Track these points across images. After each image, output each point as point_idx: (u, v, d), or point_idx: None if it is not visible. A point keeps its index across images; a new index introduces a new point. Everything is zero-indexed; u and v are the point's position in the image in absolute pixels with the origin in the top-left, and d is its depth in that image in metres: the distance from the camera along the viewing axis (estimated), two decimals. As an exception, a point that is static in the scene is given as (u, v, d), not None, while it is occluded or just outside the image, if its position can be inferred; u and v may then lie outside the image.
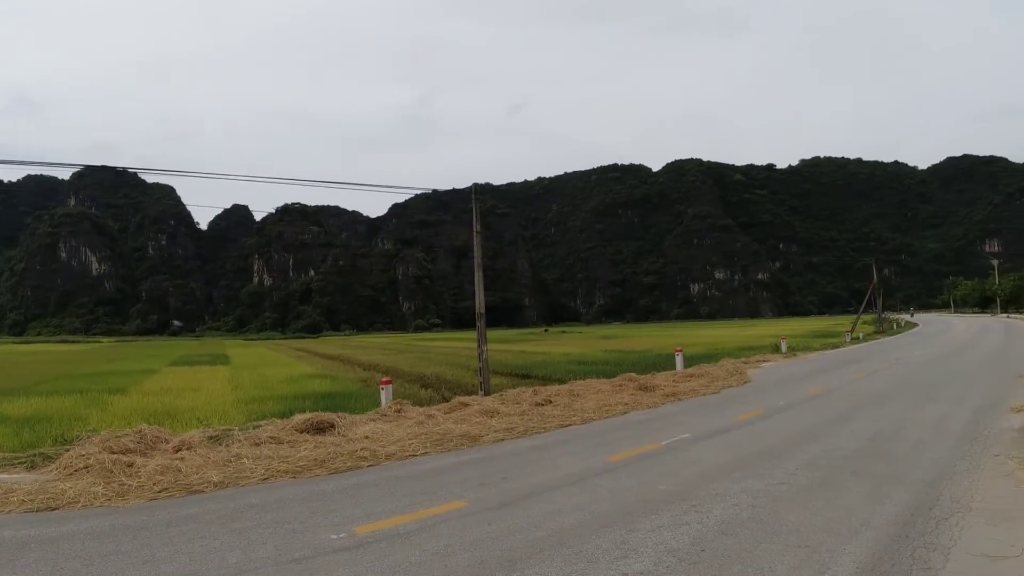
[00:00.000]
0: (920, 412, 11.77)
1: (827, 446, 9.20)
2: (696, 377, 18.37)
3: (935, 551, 5.14)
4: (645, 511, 6.33)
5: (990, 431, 9.80)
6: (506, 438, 10.55)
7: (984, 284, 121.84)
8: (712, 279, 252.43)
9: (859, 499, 6.59)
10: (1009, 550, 5.11)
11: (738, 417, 11.95)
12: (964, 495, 6.60)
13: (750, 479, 7.46)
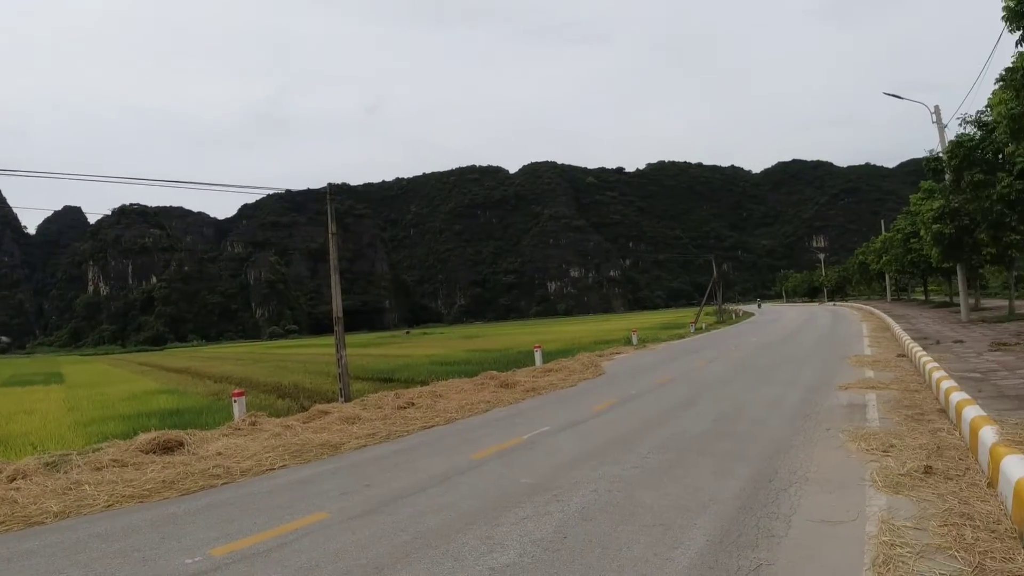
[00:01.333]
0: (758, 393, 12.72)
1: (675, 429, 9.75)
2: (554, 372, 19.27)
3: (777, 520, 5.54)
4: (509, 505, 6.50)
5: (821, 408, 10.73)
6: (368, 444, 10.50)
7: (812, 276, 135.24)
8: (568, 277, 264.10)
9: (706, 476, 7.03)
10: (844, 515, 5.56)
11: (594, 408, 12.51)
12: (800, 467, 7.18)
13: (607, 465, 7.82)
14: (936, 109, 27.75)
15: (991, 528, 4.88)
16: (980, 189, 18.68)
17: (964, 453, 7.09)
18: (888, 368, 15.04)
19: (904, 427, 8.68)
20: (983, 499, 5.54)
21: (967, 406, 8.09)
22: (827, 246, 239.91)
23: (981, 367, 12.73)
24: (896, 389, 11.90)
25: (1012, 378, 11.04)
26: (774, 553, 4.85)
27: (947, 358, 14.25)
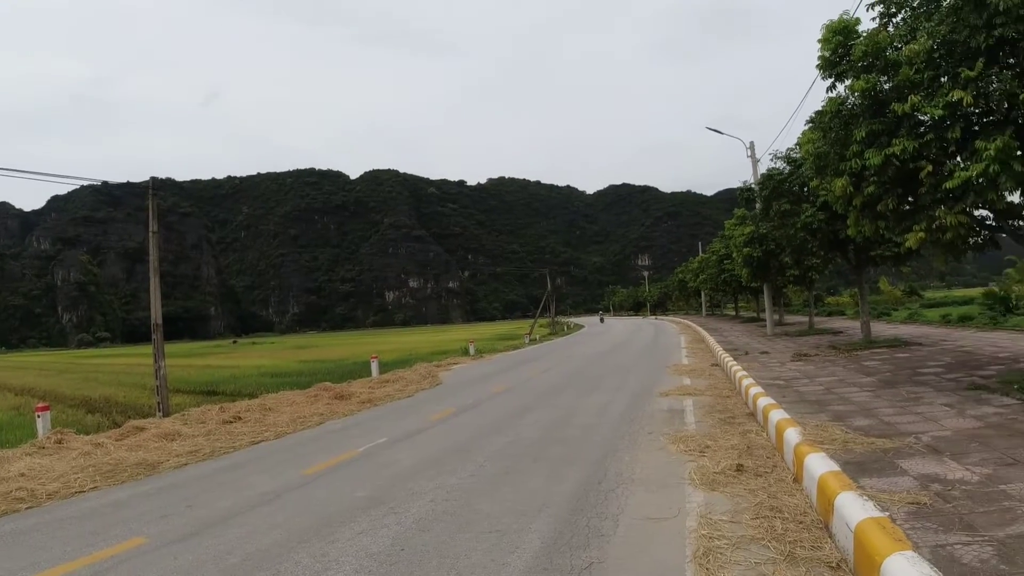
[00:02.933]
0: (588, 401, 13.20)
1: (511, 437, 9.88)
2: (391, 383, 18.98)
3: (607, 519, 5.73)
4: (344, 520, 6.24)
5: (644, 413, 11.33)
6: (190, 462, 9.75)
7: (637, 291, 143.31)
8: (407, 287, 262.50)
9: (540, 482, 7.15)
10: (667, 512, 5.84)
11: (431, 417, 12.45)
12: (626, 469, 7.50)
13: (444, 475, 7.75)
14: (751, 145, 30.36)
15: (798, 519, 5.28)
16: (786, 218, 20.59)
17: (771, 452, 7.68)
18: (703, 376, 16.15)
19: (718, 429, 9.30)
20: (790, 493, 5.99)
21: (773, 410, 8.83)
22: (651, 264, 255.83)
23: (784, 375, 13.95)
24: (710, 395, 12.79)
25: (811, 385, 12.18)
26: (604, 551, 4.99)
27: (755, 367, 15.50)
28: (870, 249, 18.86)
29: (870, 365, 14.58)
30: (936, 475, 5.74)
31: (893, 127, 9.64)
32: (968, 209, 9.20)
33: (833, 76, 11.23)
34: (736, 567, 4.50)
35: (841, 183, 10.73)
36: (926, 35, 9.30)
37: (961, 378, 11.45)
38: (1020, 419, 7.75)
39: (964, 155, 9.10)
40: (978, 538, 4.26)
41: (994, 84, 8.65)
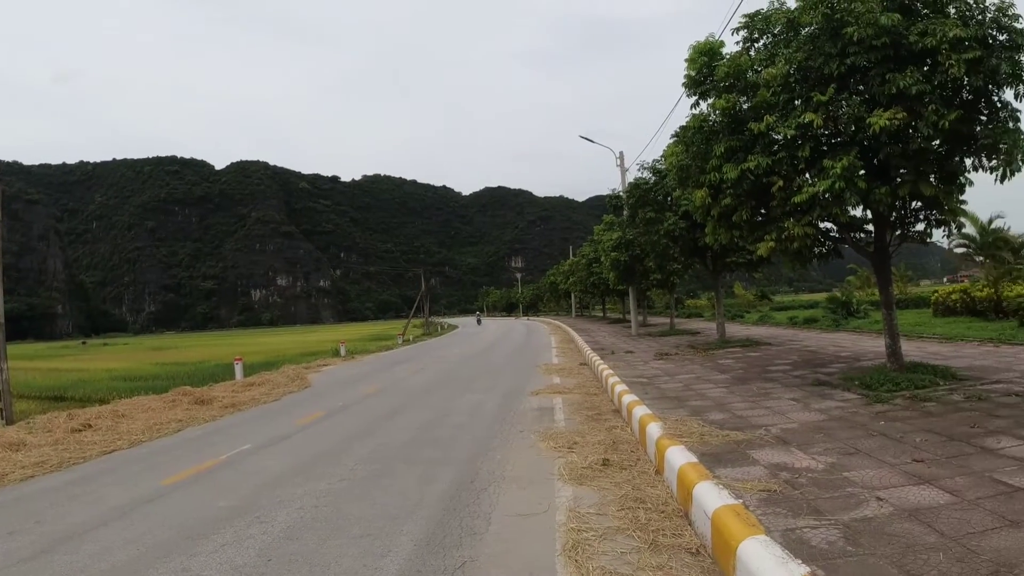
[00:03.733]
0: (460, 401, 13.22)
1: (382, 439, 9.70)
2: (257, 386, 18.12)
3: (479, 518, 5.74)
4: (207, 532, 5.84)
5: (515, 412, 11.49)
6: (37, 474, 8.83)
7: (510, 292, 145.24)
8: (274, 285, 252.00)
9: (412, 483, 7.06)
10: (537, 508, 5.94)
11: (298, 421, 11.97)
12: (498, 467, 7.56)
13: (313, 481, 7.46)
14: (621, 155, 31.57)
15: (660, 509, 5.52)
16: (651, 225, 21.60)
17: (635, 446, 8.00)
18: (572, 375, 16.59)
19: (586, 426, 9.59)
20: (653, 485, 6.25)
21: (637, 406, 9.24)
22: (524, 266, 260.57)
23: (647, 373, 14.57)
24: (579, 393, 13.15)
25: (672, 382, 12.80)
26: (477, 550, 5.00)
27: (620, 366, 16.08)
28: (726, 256, 20.13)
29: (725, 363, 15.51)
30: (785, 464, 6.19)
31: (749, 144, 10.29)
32: (814, 221, 9.99)
33: (697, 94, 11.85)
34: (604, 557, 4.64)
35: (701, 194, 11.37)
36: (784, 61, 9.98)
37: (807, 375, 12.39)
38: (860, 412, 8.50)
39: (813, 172, 9.85)
40: (825, 522, 4.62)
41: (843, 108, 9.41)
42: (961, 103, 9.18)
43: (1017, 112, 9.33)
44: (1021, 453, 6.02)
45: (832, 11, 9.39)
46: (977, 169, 9.75)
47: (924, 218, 11.00)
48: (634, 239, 25.77)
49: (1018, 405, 8.24)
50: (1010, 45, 8.82)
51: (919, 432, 7.15)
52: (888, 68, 9.01)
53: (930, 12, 9.25)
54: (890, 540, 4.21)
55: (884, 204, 9.59)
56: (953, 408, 8.34)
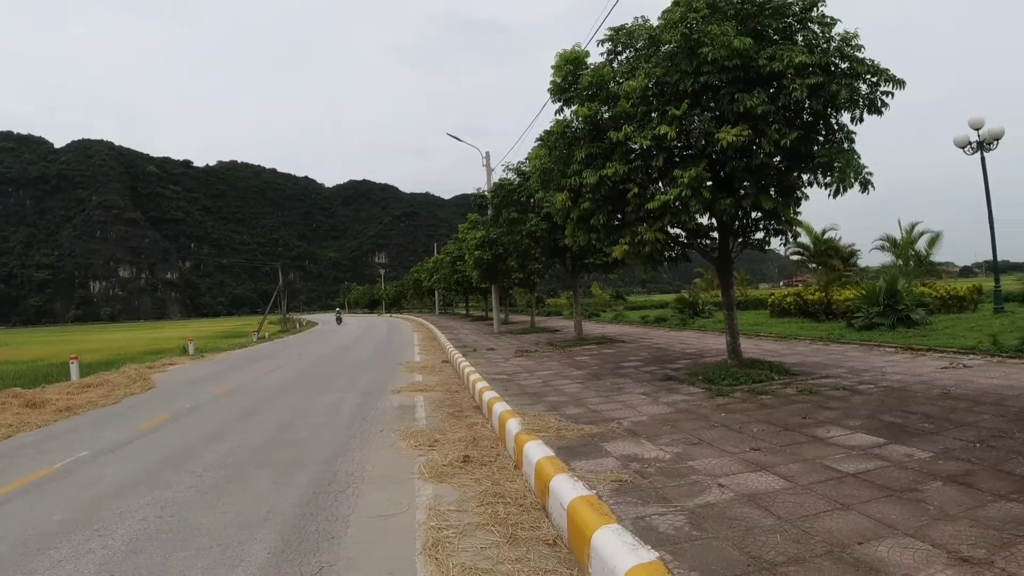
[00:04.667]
0: (318, 400, 12.83)
1: (234, 443, 9.20)
2: (95, 387, 16.55)
3: (336, 521, 5.58)
4: (41, 547, 5.31)
5: (376, 411, 11.30)
6: None
7: (373, 289, 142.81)
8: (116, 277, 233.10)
9: (266, 488, 6.74)
10: (397, 508, 5.86)
11: (141, 426, 11.07)
12: (357, 468, 7.39)
13: (157, 489, 6.93)
14: (487, 155, 31.86)
15: (519, 503, 5.62)
16: (514, 225, 21.99)
17: (495, 442, 8.09)
18: (434, 373, 16.55)
19: (447, 423, 9.60)
20: (512, 480, 6.35)
21: (497, 403, 9.37)
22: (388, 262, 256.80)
23: (508, 370, 14.81)
24: (440, 391, 13.14)
25: (531, 378, 13.08)
26: (335, 554, 4.87)
27: (482, 363, 16.25)
28: (584, 257, 20.81)
29: (581, 360, 16.05)
30: (635, 455, 6.49)
31: (609, 152, 10.71)
32: (665, 227, 10.54)
33: (562, 100, 12.19)
34: (464, 554, 4.66)
35: (561, 197, 11.71)
36: (644, 75, 10.45)
37: (656, 370, 13.06)
38: (703, 405, 9.06)
39: (665, 181, 10.41)
40: (672, 508, 4.89)
41: (695, 123, 9.99)
42: (802, 124, 10.00)
43: (852, 134, 10.31)
44: (848, 442, 6.65)
45: (690, 31, 9.94)
46: (813, 185, 10.67)
47: (764, 227, 11.89)
48: (497, 238, 26.08)
49: (845, 398, 9.08)
50: (850, 73, 9.69)
51: (757, 423, 7.72)
52: (738, 88, 9.66)
53: (780, 39, 10.04)
54: (731, 524, 4.52)
55: (728, 214, 10.29)
56: (787, 401, 9.08)
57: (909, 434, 6.86)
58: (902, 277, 21.65)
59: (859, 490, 5.12)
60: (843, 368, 12.10)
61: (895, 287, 19.05)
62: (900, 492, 5.02)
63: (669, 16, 10.38)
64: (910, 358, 13.08)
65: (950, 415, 7.65)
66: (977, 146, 21.29)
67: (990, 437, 6.52)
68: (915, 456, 6.00)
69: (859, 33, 9.88)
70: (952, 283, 28.14)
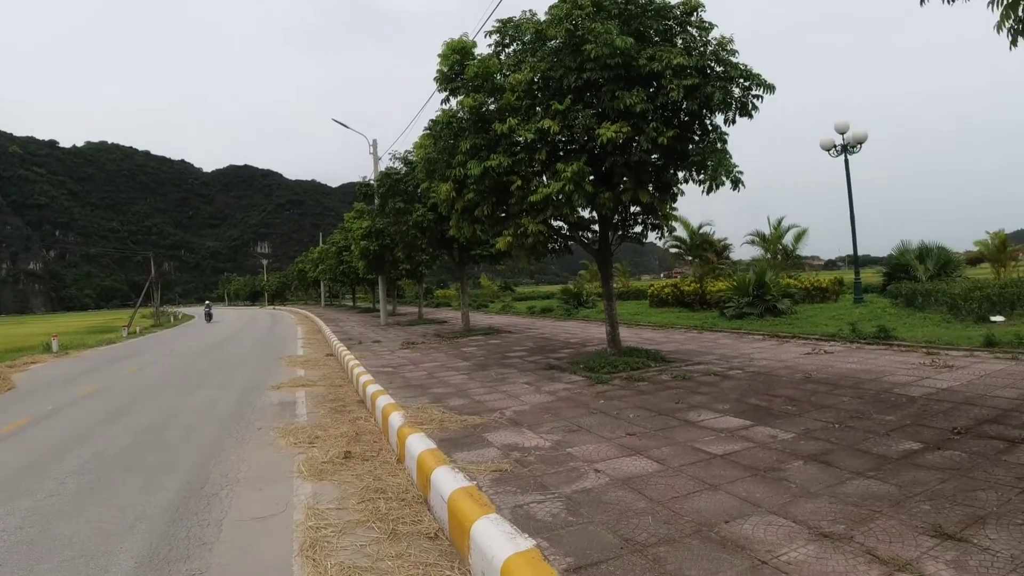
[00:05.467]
0: (192, 399, 12.21)
1: (100, 447, 8.56)
2: None
3: (209, 526, 5.31)
4: None
5: (254, 408, 10.85)
6: None
7: (255, 280, 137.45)
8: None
9: (134, 494, 6.31)
10: (274, 508, 5.64)
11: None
12: (232, 469, 7.06)
13: (16, 499, 6.36)
14: (374, 142, 31.28)
15: (401, 497, 5.55)
16: (400, 215, 21.71)
17: (378, 437, 7.97)
18: (318, 367, 16.12)
19: (328, 419, 9.35)
20: (394, 474, 6.26)
21: (380, 396, 9.22)
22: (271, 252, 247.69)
23: (393, 362, 14.64)
24: (323, 385, 12.81)
25: (416, 371, 13.00)
26: (207, 560, 4.62)
27: (367, 356, 16.00)
28: (471, 248, 20.89)
29: (468, 351, 16.11)
30: (516, 444, 6.58)
31: (493, 143, 10.76)
32: (548, 220, 10.72)
33: (448, 90, 12.11)
34: (343, 552, 4.55)
35: (446, 188, 11.67)
36: (529, 68, 10.55)
37: (540, 360, 13.29)
38: (584, 393, 9.29)
39: (548, 174, 10.56)
40: (550, 496, 4.98)
41: (578, 119, 10.16)
42: (679, 123, 10.42)
43: (725, 135, 10.83)
44: (717, 424, 7.01)
45: (575, 28, 10.12)
46: (688, 181, 11.12)
47: (642, 222, 12.32)
48: (384, 228, 25.70)
49: (715, 383, 9.57)
50: (725, 76, 10.16)
51: (633, 409, 8.00)
52: (619, 86, 9.93)
53: (661, 40, 10.38)
54: (606, 508, 4.66)
55: (608, 208, 10.58)
56: (662, 387, 9.46)
57: (773, 416, 7.32)
58: (770, 270, 23.07)
59: (726, 470, 5.40)
60: (715, 355, 12.73)
61: (763, 279, 20.28)
62: (764, 471, 5.33)
63: (556, 12, 10.54)
64: (776, 345, 13.94)
65: (811, 398, 8.21)
66: (842, 149, 22.91)
67: (848, 418, 7.05)
68: (779, 437, 6.40)
69: (734, 38, 10.39)
70: (816, 275, 30.23)
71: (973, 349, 11.37)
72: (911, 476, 5.04)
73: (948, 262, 24.36)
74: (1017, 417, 6.66)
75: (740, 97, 10.35)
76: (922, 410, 7.25)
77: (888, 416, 7.06)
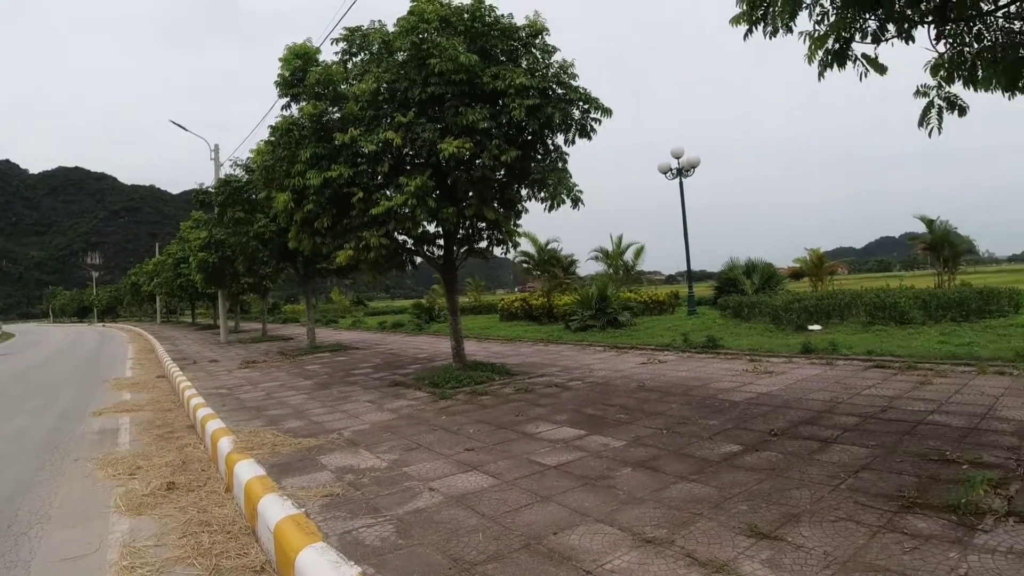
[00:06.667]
0: (1, 428, 10.93)
1: None
2: None
3: (16, 568, 4.77)
4: None
5: (72, 437, 9.87)
6: None
7: (83, 294, 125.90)
8: None
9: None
10: (87, 548, 5.14)
11: None
12: (43, 505, 6.37)
13: None
14: (216, 147, 29.64)
15: (227, 530, 5.21)
16: (240, 225, 20.67)
17: (207, 464, 7.47)
18: (147, 390, 14.94)
19: (154, 447, 8.66)
20: (221, 504, 5.89)
21: (211, 420, 8.73)
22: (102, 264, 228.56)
23: (230, 383, 13.89)
24: (151, 410, 11.87)
25: (254, 391, 12.39)
26: (9, 607, 4.15)
27: (201, 377, 15.10)
28: (317, 262, 20.22)
29: (311, 369, 15.60)
30: (351, 466, 6.40)
31: (335, 153, 10.51)
32: (391, 233, 10.60)
33: (289, 96, 11.70)
34: (157, 593, 4.23)
35: (284, 198, 11.25)
36: (374, 79, 10.40)
37: (386, 376, 13.09)
38: (427, 409, 9.23)
39: (392, 187, 10.44)
40: (381, 519, 4.86)
41: (421, 132, 10.12)
42: (523, 142, 10.64)
43: (566, 155, 11.20)
44: (554, 436, 7.18)
45: (421, 42, 10.10)
46: (531, 199, 11.39)
47: (488, 237, 12.46)
48: (224, 239, 24.35)
49: (556, 395, 9.81)
50: (566, 98, 10.50)
51: (474, 423, 8.05)
52: (463, 102, 10.03)
53: (507, 60, 10.57)
54: (438, 528, 4.62)
55: (451, 223, 10.64)
56: (504, 400, 9.59)
57: (607, 425, 7.60)
58: (611, 284, 24.12)
59: (559, 481, 5.53)
60: (558, 367, 13.09)
61: (605, 293, 21.19)
62: (595, 480, 5.50)
63: (403, 24, 10.49)
64: (616, 356, 14.55)
65: (643, 406, 8.61)
66: (677, 172, 24.44)
67: (676, 424, 7.45)
68: (610, 445, 6.65)
69: (575, 63, 10.79)
70: (655, 289, 31.99)
71: (792, 356, 12.41)
72: (731, 478, 5.37)
73: (772, 276, 26.62)
74: (829, 418, 7.31)
75: (580, 119, 10.78)
76: (743, 414, 7.80)
77: (712, 421, 7.53)
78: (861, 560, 3.73)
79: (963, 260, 28.41)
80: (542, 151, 11.24)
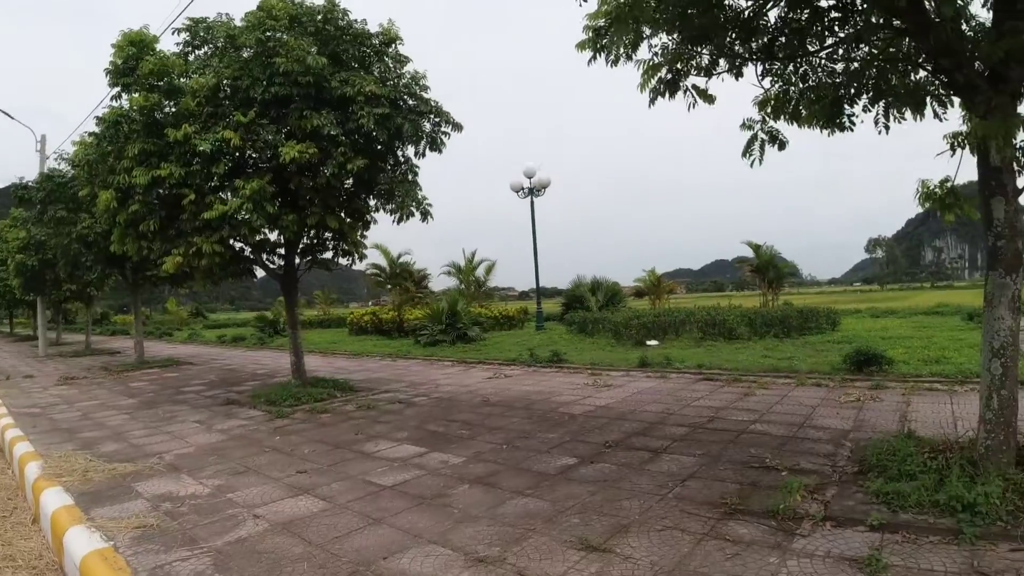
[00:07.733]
0: None
1: None
2: None
3: None
4: None
5: None
6: None
7: None
8: None
9: None
10: None
11: None
12: None
13: None
14: (43, 138, 26.88)
15: (32, 565, 4.57)
16: (62, 225, 18.65)
17: (14, 492, 6.59)
18: (-60, 409, 13.18)
19: (-54, 474, 7.59)
20: (28, 537, 5.18)
21: (19, 443, 7.88)
22: None
23: (44, 401, 12.47)
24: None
25: (70, 411, 11.15)
26: None
27: (13, 394, 13.53)
28: (147, 268, 18.61)
29: (137, 386, 14.36)
30: (170, 494, 5.83)
31: (167, 151, 9.68)
32: (225, 240, 9.93)
33: (120, 86, 10.70)
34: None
35: (106, 196, 10.14)
36: (214, 74, 9.75)
37: (219, 394, 12.24)
38: (260, 429, 8.67)
39: (229, 190, 9.82)
40: (197, 551, 4.42)
41: (263, 134, 9.59)
42: (373, 152, 10.35)
43: (416, 167, 11.01)
44: (393, 454, 6.94)
45: (267, 39, 9.60)
46: (379, 210, 11.14)
47: (333, 247, 12.02)
48: (45, 240, 21.94)
49: (399, 411, 9.56)
50: (417, 110, 10.32)
51: (310, 443, 7.64)
52: (309, 106, 9.59)
53: (358, 66, 10.23)
54: (260, 558, 4.26)
55: (291, 231, 10.14)
56: (345, 418, 9.22)
57: (448, 441, 7.48)
58: (462, 299, 24.18)
59: (394, 502, 5.32)
60: (404, 382, 12.84)
61: (456, 308, 21.17)
62: (431, 499, 5.34)
63: (251, 18, 9.94)
64: (463, 371, 14.49)
65: (486, 420, 8.57)
66: (528, 191, 24.94)
67: (516, 438, 7.44)
68: (449, 462, 6.51)
69: (427, 74, 10.68)
70: (505, 305, 32.38)
71: (630, 369, 12.87)
72: (565, 491, 5.38)
73: (616, 294, 27.77)
74: (660, 429, 7.57)
75: (430, 132, 10.65)
76: (581, 427, 7.93)
77: (551, 434, 7.59)
78: (685, 568, 3.81)
79: (787, 282, 31.06)
80: (392, 162, 11.02)
